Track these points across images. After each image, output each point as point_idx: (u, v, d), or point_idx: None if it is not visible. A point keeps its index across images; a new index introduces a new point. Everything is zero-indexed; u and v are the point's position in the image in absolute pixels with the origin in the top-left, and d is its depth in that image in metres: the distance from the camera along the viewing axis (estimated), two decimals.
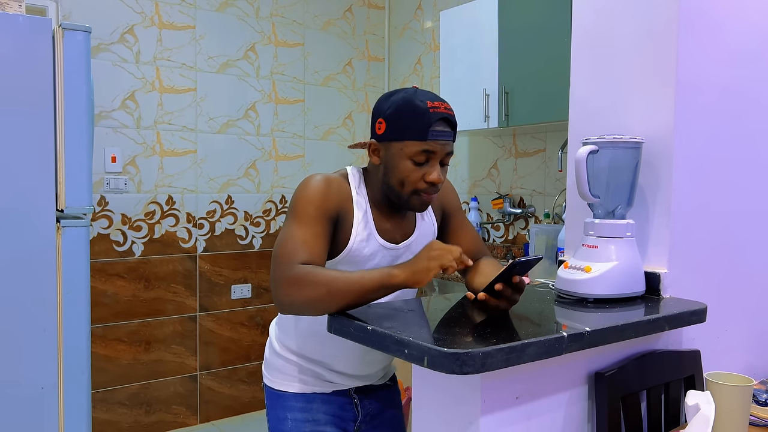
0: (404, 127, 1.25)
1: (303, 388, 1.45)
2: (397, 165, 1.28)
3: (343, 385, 1.46)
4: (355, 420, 1.49)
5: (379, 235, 1.35)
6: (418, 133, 1.24)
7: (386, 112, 1.28)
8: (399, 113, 1.26)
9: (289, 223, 1.26)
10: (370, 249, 1.34)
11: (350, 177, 1.36)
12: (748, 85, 1.49)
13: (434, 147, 1.26)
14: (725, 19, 1.42)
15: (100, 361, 3.03)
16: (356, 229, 1.32)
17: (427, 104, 1.25)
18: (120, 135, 3.08)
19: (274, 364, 1.49)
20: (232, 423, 3.41)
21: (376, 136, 1.31)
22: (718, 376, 1.16)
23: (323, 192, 1.28)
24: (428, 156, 1.26)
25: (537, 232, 2.51)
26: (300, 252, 1.20)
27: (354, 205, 1.33)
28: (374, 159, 1.33)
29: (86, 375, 1.89)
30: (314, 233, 1.24)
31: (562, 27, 2.40)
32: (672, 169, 1.31)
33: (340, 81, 3.82)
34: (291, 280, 1.16)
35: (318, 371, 1.44)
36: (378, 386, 1.53)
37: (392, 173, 1.29)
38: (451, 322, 1.14)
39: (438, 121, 1.25)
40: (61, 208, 1.85)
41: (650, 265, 1.34)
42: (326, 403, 1.45)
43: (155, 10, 3.15)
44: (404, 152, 1.26)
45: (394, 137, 1.27)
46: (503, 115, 2.76)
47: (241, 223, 3.49)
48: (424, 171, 1.27)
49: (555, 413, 1.13)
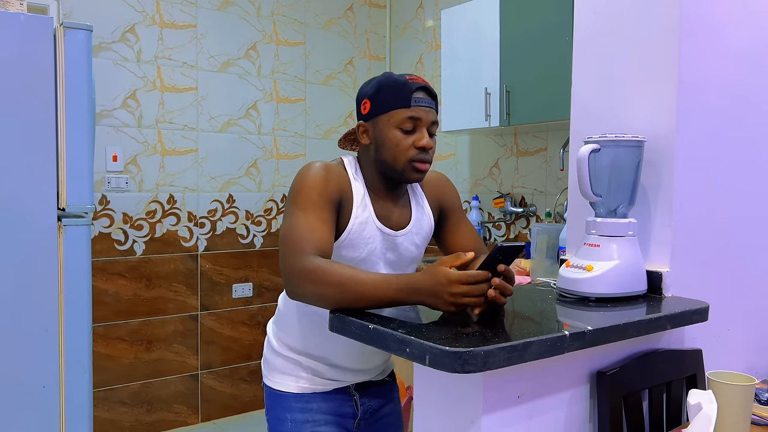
0: (387, 98, 1.32)
1: (303, 388, 1.45)
2: (386, 136, 1.32)
3: (343, 382, 1.47)
4: (354, 417, 1.49)
5: (377, 219, 1.37)
6: (401, 101, 1.30)
7: (369, 92, 1.36)
8: (380, 88, 1.34)
9: (293, 211, 1.26)
10: (369, 232, 1.35)
11: (347, 165, 1.39)
12: (749, 87, 1.49)
13: (419, 113, 1.31)
14: (727, 21, 1.41)
15: (102, 360, 3.03)
16: (355, 211, 1.33)
17: (405, 77, 1.33)
18: (121, 134, 3.08)
19: (273, 363, 1.49)
20: (233, 422, 3.41)
21: (362, 116, 1.37)
22: (720, 375, 1.16)
23: (324, 178, 1.29)
24: (415, 123, 1.31)
25: (538, 232, 2.50)
26: (310, 240, 1.20)
27: (353, 189, 1.35)
28: (364, 140, 1.37)
29: (87, 374, 1.89)
30: (321, 219, 1.25)
31: (563, 26, 2.39)
32: (674, 168, 1.31)
33: (342, 80, 3.82)
34: (304, 272, 1.16)
35: (318, 368, 1.44)
36: (377, 382, 1.53)
37: (383, 147, 1.33)
38: (452, 321, 1.14)
39: (417, 90, 1.32)
40: (63, 206, 1.84)
41: (652, 264, 1.34)
42: (326, 402, 1.45)
43: (156, 9, 3.15)
44: (391, 122, 1.31)
45: (380, 111, 1.33)
46: (504, 114, 2.76)
47: (242, 222, 3.49)
48: (413, 138, 1.32)
49: (557, 412, 1.13)
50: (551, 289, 1.39)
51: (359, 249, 1.34)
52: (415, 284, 1.08)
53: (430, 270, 1.08)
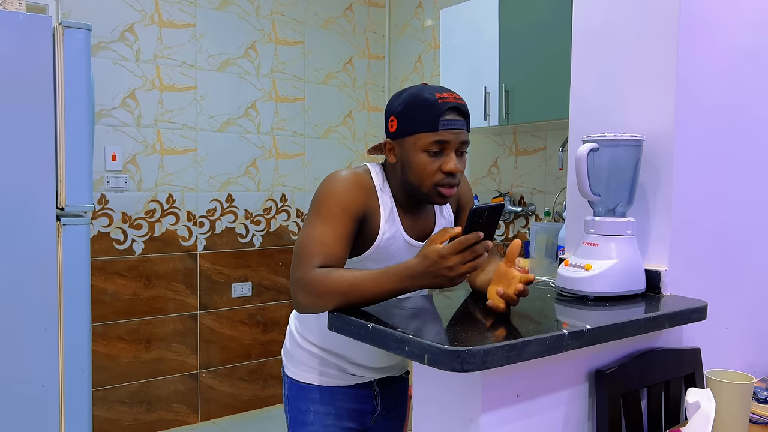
0: (414, 120, 1.26)
1: (327, 381, 1.45)
2: (412, 159, 1.27)
3: (365, 378, 1.47)
4: (373, 413, 1.50)
5: (405, 232, 1.36)
6: (428, 125, 1.24)
7: (396, 110, 1.29)
8: (408, 108, 1.27)
9: (312, 220, 1.24)
10: (396, 246, 1.34)
11: (373, 175, 1.36)
12: (747, 85, 1.49)
13: (446, 136, 1.25)
14: (725, 18, 1.42)
15: (101, 360, 3.03)
16: (383, 227, 1.31)
17: (435, 96, 1.26)
18: (120, 133, 3.08)
19: (296, 356, 1.49)
20: (232, 421, 3.41)
21: (390, 134, 1.32)
22: (718, 374, 1.16)
23: (349, 191, 1.26)
24: (442, 146, 1.26)
25: (537, 231, 2.51)
26: (318, 254, 1.19)
27: (380, 202, 1.32)
28: (391, 158, 1.33)
29: (87, 373, 1.89)
30: (337, 235, 1.22)
31: (562, 25, 2.39)
32: (672, 167, 1.31)
33: (341, 79, 3.82)
34: (306, 284, 1.15)
35: (341, 365, 1.45)
36: (397, 378, 1.55)
37: (409, 169, 1.29)
38: (451, 320, 1.14)
39: (447, 111, 1.25)
40: (62, 206, 1.84)
41: (651, 263, 1.34)
42: (348, 397, 1.46)
43: (155, 9, 3.15)
44: (417, 145, 1.26)
45: (407, 132, 1.27)
46: (504, 114, 2.76)
47: (241, 222, 3.49)
48: (440, 162, 1.26)
49: (555, 411, 1.13)
50: (550, 288, 1.39)
51: (385, 262, 1.32)
52: (411, 271, 1.10)
53: (422, 253, 1.10)
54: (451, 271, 1.06)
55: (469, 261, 1.07)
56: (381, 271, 1.13)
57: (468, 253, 1.06)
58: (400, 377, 1.57)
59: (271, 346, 3.58)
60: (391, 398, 1.54)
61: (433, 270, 1.08)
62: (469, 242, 1.06)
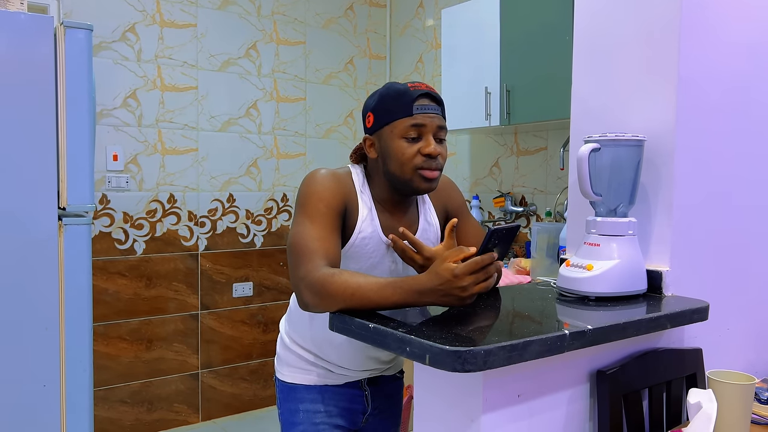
0: (389, 109, 1.30)
1: (315, 381, 1.46)
2: (391, 146, 1.30)
3: (354, 377, 1.48)
4: (364, 412, 1.51)
5: (383, 233, 1.36)
6: (402, 111, 1.28)
7: (372, 105, 1.34)
8: (383, 100, 1.32)
9: (301, 219, 1.26)
10: (372, 246, 1.35)
11: (354, 176, 1.38)
12: (750, 82, 1.49)
13: (422, 120, 1.29)
14: (726, 16, 1.41)
15: (102, 359, 3.04)
16: (360, 226, 1.33)
17: (407, 85, 1.32)
18: (121, 133, 3.08)
19: (285, 358, 1.51)
20: (233, 421, 3.41)
21: (368, 129, 1.36)
22: (720, 374, 1.16)
23: (329, 188, 1.29)
24: (419, 131, 1.29)
25: (538, 231, 2.50)
26: (318, 249, 1.20)
27: (359, 201, 1.34)
28: (371, 153, 1.36)
29: (88, 373, 1.89)
30: (328, 228, 1.25)
31: (563, 25, 2.39)
32: (674, 167, 1.31)
33: (342, 79, 3.82)
34: (314, 285, 1.14)
35: (328, 366, 1.46)
36: (388, 377, 1.55)
37: (389, 158, 1.31)
38: (452, 320, 1.14)
39: (420, 97, 1.30)
40: (63, 206, 1.85)
41: (652, 263, 1.34)
42: (337, 396, 1.47)
43: (156, 9, 3.15)
44: (395, 133, 1.30)
45: (383, 122, 1.31)
46: (505, 114, 2.76)
47: (242, 222, 3.49)
48: (419, 146, 1.29)
49: (557, 411, 1.13)
50: (551, 288, 1.39)
51: (362, 261, 1.34)
52: (421, 287, 1.07)
53: (434, 270, 1.07)
54: (463, 291, 1.05)
55: (482, 281, 1.06)
56: (388, 281, 1.11)
57: (482, 274, 1.06)
58: (393, 377, 1.57)
59: (272, 346, 3.58)
60: (382, 398, 1.54)
61: (444, 288, 1.06)
62: (485, 263, 1.05)
